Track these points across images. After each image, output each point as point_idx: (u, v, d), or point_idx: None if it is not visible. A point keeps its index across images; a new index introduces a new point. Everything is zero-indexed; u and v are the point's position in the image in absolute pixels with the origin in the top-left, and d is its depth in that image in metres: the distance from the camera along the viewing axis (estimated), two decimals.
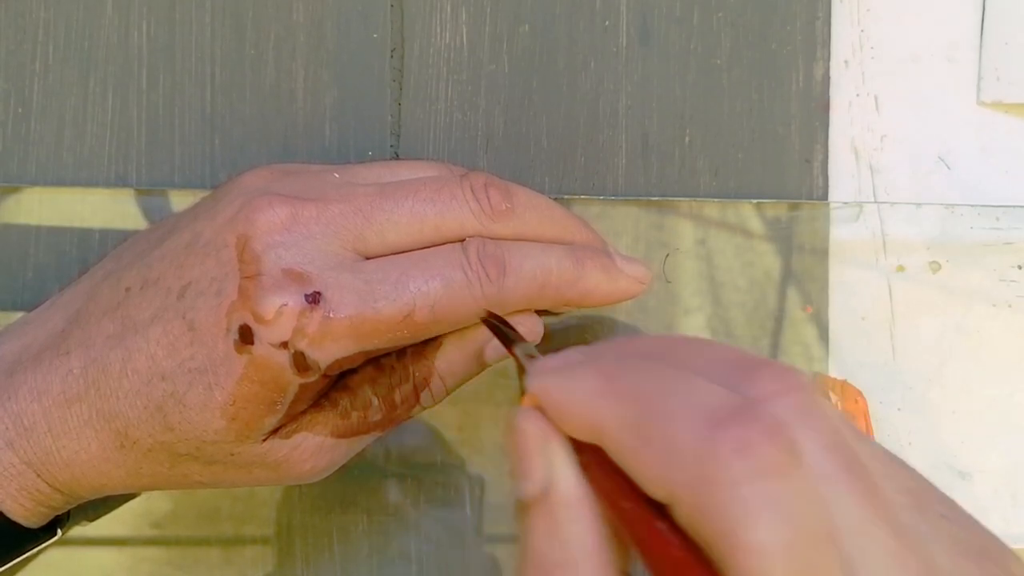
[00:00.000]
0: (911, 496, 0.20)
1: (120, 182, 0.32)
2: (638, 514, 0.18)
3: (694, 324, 0.33)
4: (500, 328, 0.26)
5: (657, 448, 0.18)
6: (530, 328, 0.28)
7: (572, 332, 0.33)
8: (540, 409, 0.20)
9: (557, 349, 0.22)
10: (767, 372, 0.19)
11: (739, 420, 0.17)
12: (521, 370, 0.24)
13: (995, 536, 0.21)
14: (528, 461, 0.20)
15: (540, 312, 0.29)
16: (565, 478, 0.20)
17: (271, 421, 0.26)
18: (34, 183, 0.32)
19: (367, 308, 0.25)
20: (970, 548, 0.20)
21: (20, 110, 0.32)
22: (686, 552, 0.17)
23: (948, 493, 0.36)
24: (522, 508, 0.20)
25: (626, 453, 0.18)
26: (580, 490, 0.20)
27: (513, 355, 0.25)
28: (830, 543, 0.17)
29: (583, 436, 0.19)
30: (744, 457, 0.17)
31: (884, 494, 0.18)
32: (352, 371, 0.27)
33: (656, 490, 0.18)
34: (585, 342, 0.33)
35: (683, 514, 0.17)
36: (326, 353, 0.25)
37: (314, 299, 0.25)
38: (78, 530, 0.31)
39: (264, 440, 0.26)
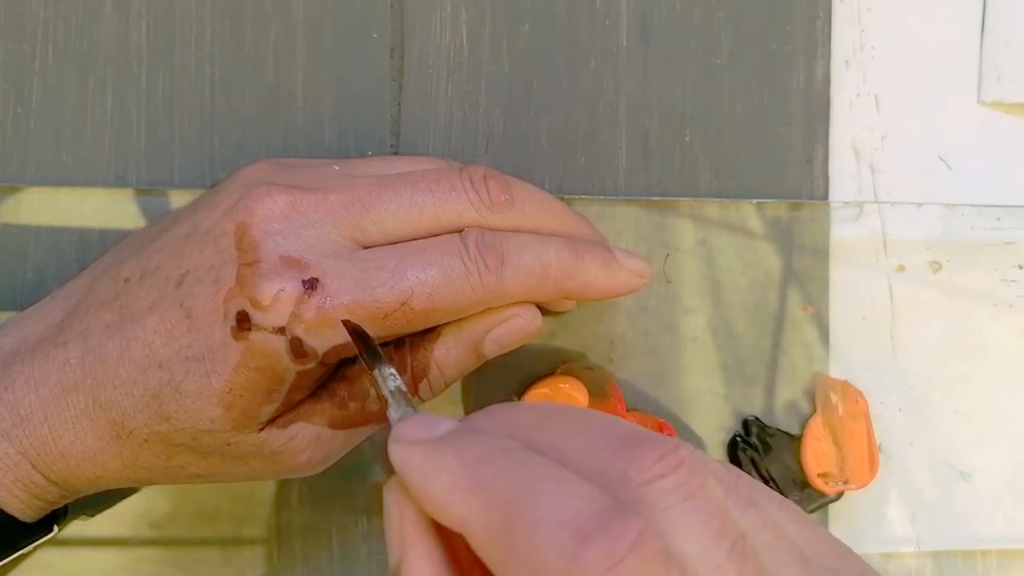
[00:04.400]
0: (802, 566, 0.19)
1: (119, 182, 0.32)
2: None
3: (694, 324, 0.33)
4: (364, 341, 0.24)
5: (522, 562, 0.17)
6: (529, 320, 0.28)
7: (570, 334, 0.33)
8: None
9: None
10: (648, 451, 0.18)
11: (606, 531, 0.16)
12: (380, 396, 0.22)
13: None
14: (388, 534, 0.20)
15: (541, 309, 0.29)
16: (415, 561, 0.19)
17: (268, 410, 0.26)
18: (34, 183, 0.32)
19: (364, 295, 0.25)
20: None
21: (20, 110, 0.32)
22: None
23: (949, 493, 0.36)
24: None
25: (492, 560, 0.18)
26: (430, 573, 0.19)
27: (372, 376, 0.23)
28: None
29: (447, 525, 0.19)
30: (612, 575, 0.16)
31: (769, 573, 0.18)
32: (350, 361, 0.27)
33: None
34: (581, 344, 0.33)
35: None
36: (323, 340, 0.25)
37: (311, 285, 0.25)
38: (77, 530, 0.31)
39: (261, 430, 0.26)
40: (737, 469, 0.21)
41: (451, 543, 0.19)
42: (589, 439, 0.19)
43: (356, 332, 0.24)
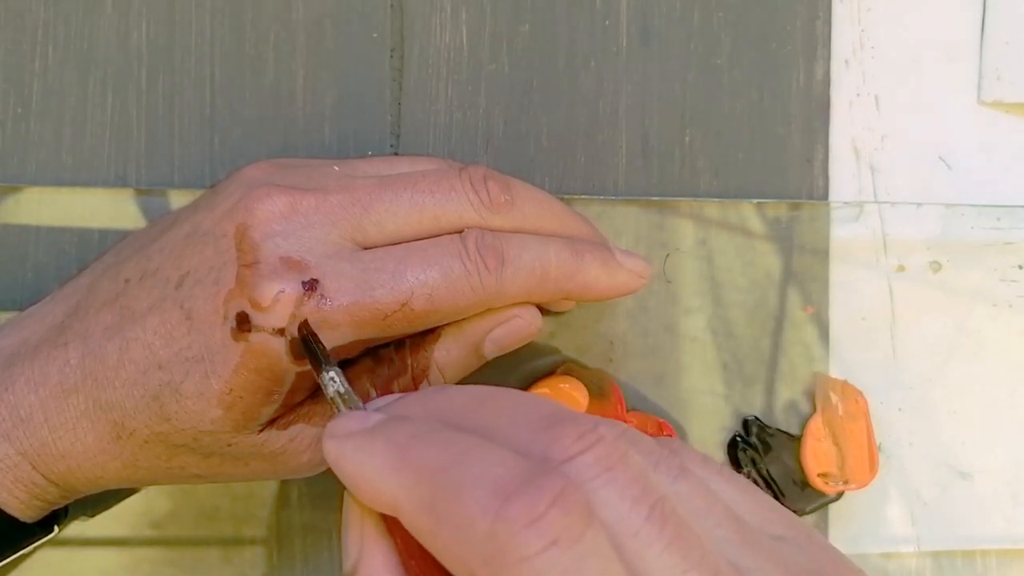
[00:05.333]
0: (735, 527, 0.19)
1: (119, 182, 0.32)
2: None
3: (694, 324, 0.33)
4: (310, 344, 0.24)
5: (450, 528, 0.17)
6: (529, 321, 0.28)
7: (570, 334, 0.33)
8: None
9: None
10: (568, 430, 0.18)
11: (527, 490, 0.17)
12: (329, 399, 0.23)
13: (833, 550, 0.21)
14: (345, 537, 0.20)
15: (541, 310, 0.29)
16: (370, 559, 0.19)
17: (268, 411, 0.26)
18: (34, 183, 0.32)
19: (364, 296, 0.25)
20: (802, 570, 0.19)
21: (20, 110, 0.32)
22: None
23: (949, 493, 0.36)
24: None
25: (422, 533, 0.18)
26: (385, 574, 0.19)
27: (319, 380, 0.23)
28: None
29: (383, 511, 0.19)
30: (534, 528, 0.16)
31: (697, 538, 0.18)
32: (350, 362, 0.27)
33: (456, 570, 0.17)
34: (580, 345, 0.33)
35: None
36: (323, 340, 0.25)
37: (311, 286, 0.25)
38: (77, 530, 0.31)
39: (261, 431, 0.26)
40: (681, 443, 0.21)
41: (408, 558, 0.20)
42: (513, 420, 0.19)
43: (303, 335, 0.24)
